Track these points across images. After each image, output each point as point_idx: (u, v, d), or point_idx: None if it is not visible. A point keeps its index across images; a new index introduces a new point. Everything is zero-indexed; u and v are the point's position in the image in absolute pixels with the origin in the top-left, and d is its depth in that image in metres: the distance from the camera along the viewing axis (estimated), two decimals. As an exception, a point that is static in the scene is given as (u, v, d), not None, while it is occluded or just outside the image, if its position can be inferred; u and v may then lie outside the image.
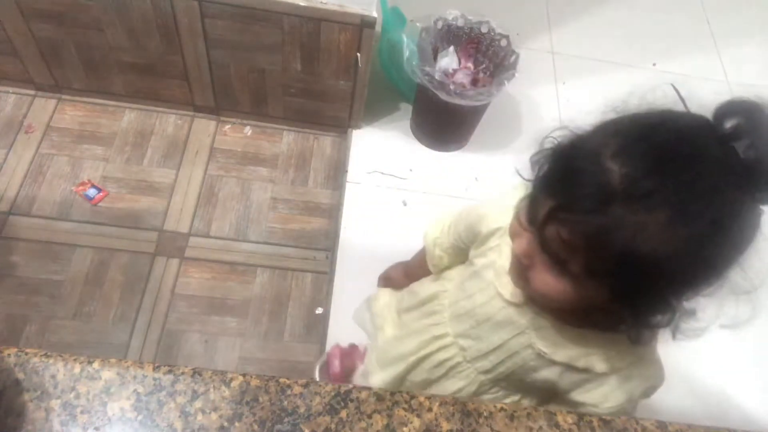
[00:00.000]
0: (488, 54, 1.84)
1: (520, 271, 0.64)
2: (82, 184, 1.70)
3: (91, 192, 1.68)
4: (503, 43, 1.79)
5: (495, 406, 0.65)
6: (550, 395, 0.76)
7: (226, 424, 0.59)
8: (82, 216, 1.65)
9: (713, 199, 0.52)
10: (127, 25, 1.59)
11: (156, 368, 0.62)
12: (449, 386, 0.83)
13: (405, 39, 1.70)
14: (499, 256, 0.75)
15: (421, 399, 0.64)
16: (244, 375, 0.63)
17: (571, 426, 0.65)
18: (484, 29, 1.81)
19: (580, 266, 0.56)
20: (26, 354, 0.61)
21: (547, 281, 0.60)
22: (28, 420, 0.57)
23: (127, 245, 1.62)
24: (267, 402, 0.61)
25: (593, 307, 0.62)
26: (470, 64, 1.83)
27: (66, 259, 1.57)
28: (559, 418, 0.65)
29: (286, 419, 0.60)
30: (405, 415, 0.62)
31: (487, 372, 0.79)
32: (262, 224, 1.71)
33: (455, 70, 1.81)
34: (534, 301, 0.70)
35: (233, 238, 1.68)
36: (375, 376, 0.94)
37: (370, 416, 0.62)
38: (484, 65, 1.84)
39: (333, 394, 0.63)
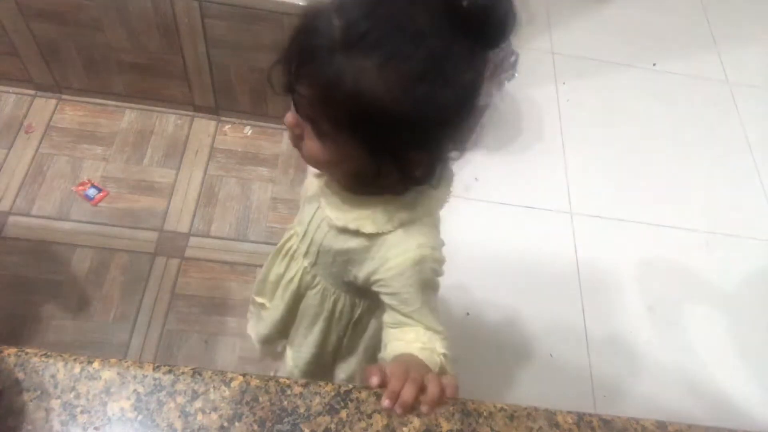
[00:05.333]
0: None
1: (297, 143, 0.67)
2: (82, 184, 1.70)
3: (91, 192, 1.68)
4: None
5: (495, 406, 0.65)
6: (358, 288, 0.79)
7: (226, 424, 0.59)
8: (82, 216, 1.65)
9: (425, 40, 0.56)
10: (127, 25, 1.59)
11: (156, 368, 0.62)
12: (288, 274, 0.90)
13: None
14: None
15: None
16: (244, 375, 0.63)
17: (571, 426, 0.65)
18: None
19: (327, 122, 0.60)
20: (26, 354, 0.61)
21: (311, 146, 0.64)
22: (28, 420, 0.57)
23: (127, 245, 1.62)
24: (267, 402, 0.61)
25: (359, 166, 0.65)
26: (470, 64, 1.83)
27: (66, 259, 1.57)
28: (559, 418, 0.65)
29: (286, 419, 0.60)
30: (405, 415, 0.62)
31: (306, 255, 0.85)
32: (262, 224, 1.71)
33: (455, 70, 1.80)
34: (325, 171, 0.74)
35: (233, 238, 1.68)
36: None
37: (370, 416, 0.62)
38: (484, 65, 1.84)
39: (333, 394, 0.63)
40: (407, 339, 0.72)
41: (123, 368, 0.61)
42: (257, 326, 1.09)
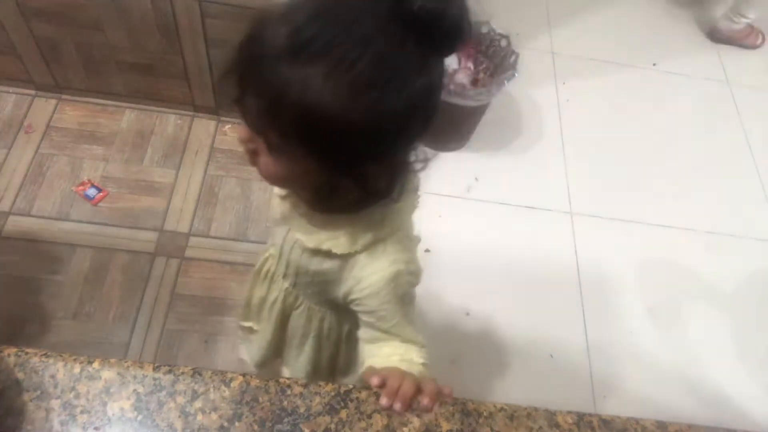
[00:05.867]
0: (488, 54, 1.84)
1: (253, 160, 0.65)
2: (82, 184, 1.70)
3: (91, 192, 1.68)
4: (503, 43, 1.79)
5: (495, 406, 0.65)
6: (341, 305, 0.78)
7: (226, 424, 0.59)
8: (82, 216, 1.65)
9: (373, 45, 0.53)
10: (127, 24, 1.59)
11: (156, 368, 0.62)
12: (270, 296, 0.90)
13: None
14: None
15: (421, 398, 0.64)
16: (244, 375, 0.63)
17: (571, 426, 0.65)
18: (484, 29, 1.81)
19: (277, 135, 0.57)
20: (26, 354, 0.61)
21: (265, 162, 0.61)
22: (28, 420, 0.57)
23: (127, 245, 1.62)
24: (267, 402, 0.61)
25: (316, 181, 0.63)
26: (470, 64, 1.83)
27: (66, 259, 1.57)
28: (559, 419, 0.65)
29: (286, 419, 0.60)
30: (405, 415, 0.62)
31: (285, 277, 0.84)
32: (262, 224, 1.71)
33: (455, 70, 1.81)
34: (289, 191, 0.73)
35: (233, 238, 1.68)
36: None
37: (370, 416, 0.62)
38: (484, 65, 1.84)
39: (333, 394, 0.63)
40: (383, 354, 0.71)
41: (123, 368, 0.61)
42: (250, 350, 1.08)
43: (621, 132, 2.13)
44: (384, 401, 0.62)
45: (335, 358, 0.94)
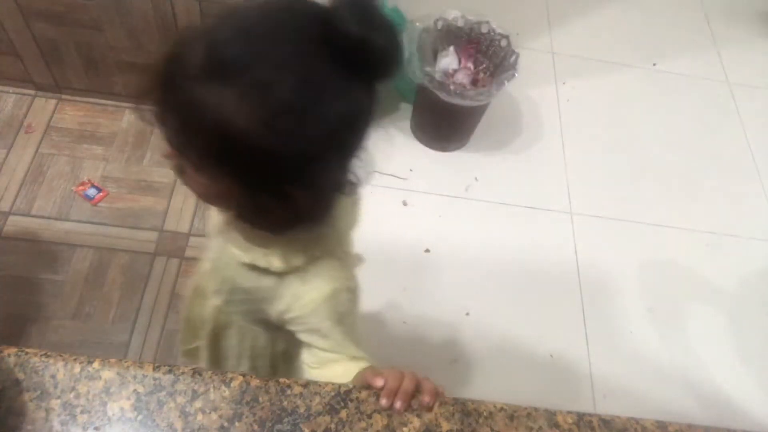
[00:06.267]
0: (488, 54, 1.84)
1: (180, 176, 0.63)
2: (82, 184, 1.70)
3: (91, 192, 1.68)
4: (503, 43, 1.79)
5: (495, 406, 0.65)
6: (271, 323, 0.76)
7: (226, 424, 0.59)
8: (82, 216, 1.65)
9: (291, 70, 0.52)
10: (127, 24, 1.59)
11: (156, 368, 0.62)
12: (204, 313, 0.87)
13: (405, 39, 1.70)
14: None
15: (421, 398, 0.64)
16: (244, 375, 0.63)
17: (571, 426, 0.65)
18: (484, 29, 1.81)
19: (195, 154, 0.57)
20: (26, 354, 0.61)
21: (188, 179, 0.61)
22: (28, 420, 0.57)
23: (127, 245, 1.62)
24: (267, 402, 0.61)
25: (237, 201, 0.62)
26: (470, 64, 1.83)
27: (66, 259, 1.57)
28: (559, 418, 0.65)
29: (286, 419, 0.61)
30: (405, 415, 0.62)
31: (217, 293, 0.81)
32: (262, 224, 1.71)
33: (455, 71, 1.81)
34: (212, 205, 0.71)
35: (233, 238, 1.68)
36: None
37: (370, 416, 0.62)
38: (484, 65, 1.84)
39: (333, 394, 0.63)
40: (338, 374, 0.70)
41: (123, 368, 0.61)
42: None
43: (621, 132, 2.13)
44: (384, 402, 0.62)
45: (275, 375, 0.93)
